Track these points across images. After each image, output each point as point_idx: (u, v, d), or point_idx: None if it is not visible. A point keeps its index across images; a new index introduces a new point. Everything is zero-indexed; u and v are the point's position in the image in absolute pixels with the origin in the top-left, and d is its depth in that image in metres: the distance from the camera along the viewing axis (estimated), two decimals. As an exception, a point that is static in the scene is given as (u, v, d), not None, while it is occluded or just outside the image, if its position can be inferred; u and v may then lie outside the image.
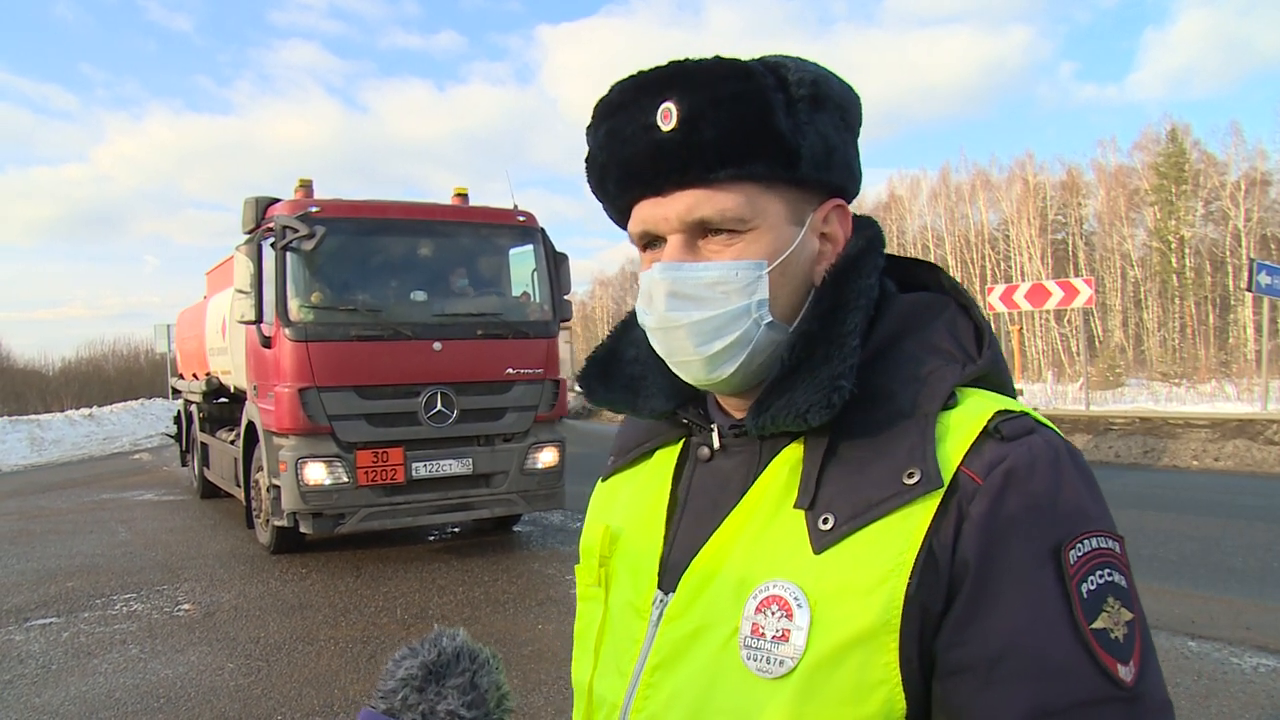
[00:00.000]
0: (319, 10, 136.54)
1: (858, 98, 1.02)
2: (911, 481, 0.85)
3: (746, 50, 0.96)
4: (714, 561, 0.95)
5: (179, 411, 15.75)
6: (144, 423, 28.22)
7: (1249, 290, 19.75)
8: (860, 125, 1.02)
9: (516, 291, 9.58)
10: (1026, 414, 0.90)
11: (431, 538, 10.17)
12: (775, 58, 0.97)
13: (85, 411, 28.60)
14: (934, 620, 0.84)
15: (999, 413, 0.88)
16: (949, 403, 0.90)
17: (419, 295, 8.93)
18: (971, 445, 0.86)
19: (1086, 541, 0.83)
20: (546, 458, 9.15)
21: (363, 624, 6.77)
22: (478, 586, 7.81)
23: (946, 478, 0.85)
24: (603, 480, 1.22)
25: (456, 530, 10.51)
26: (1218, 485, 12.06)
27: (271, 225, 8.39)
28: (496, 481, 8.95)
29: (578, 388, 1.09)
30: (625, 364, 1.12)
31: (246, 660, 6.00)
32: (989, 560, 0.82)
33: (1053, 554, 0.82)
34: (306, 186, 8.89)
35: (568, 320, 9.68)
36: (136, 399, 33.92)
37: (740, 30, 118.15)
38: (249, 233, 8.85)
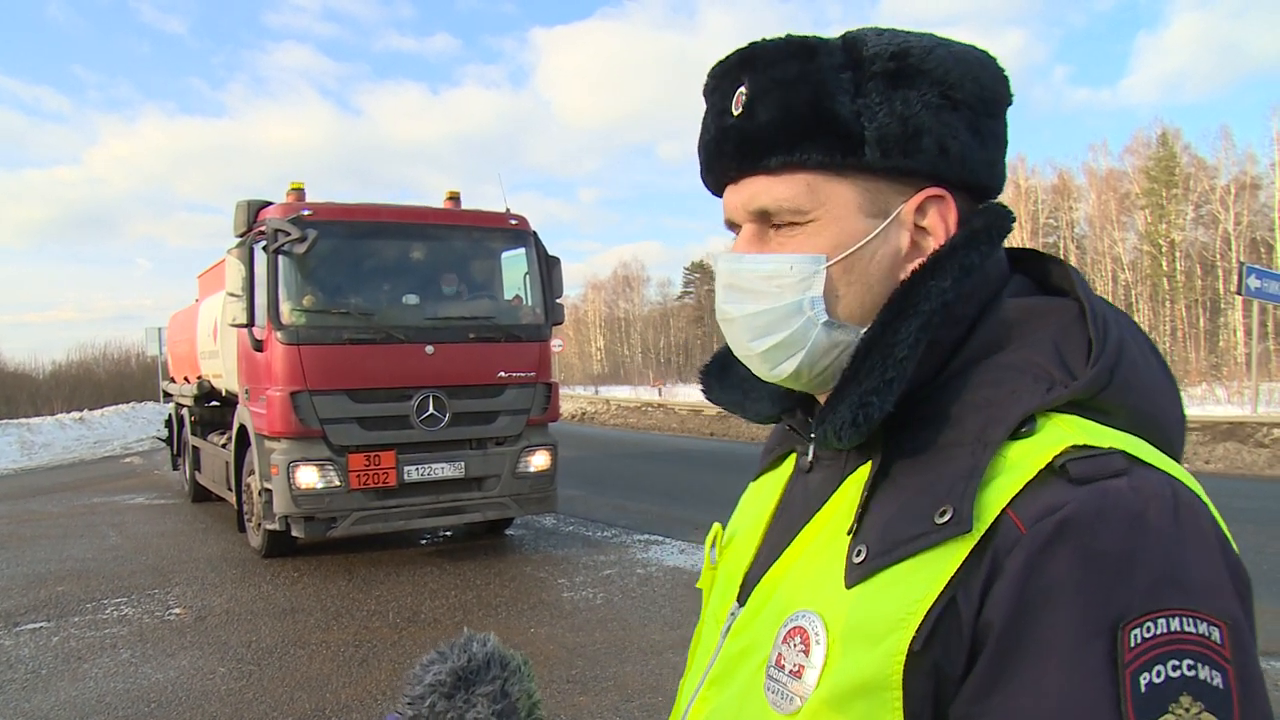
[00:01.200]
0: (313, 12, 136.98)
1: (982, 68, 0.87)
2: (941, 521, 0.74)
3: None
4: (776, 581, 0.90)
5: (170, 415, 15.68)
6: (135, 426, 28.11)
7: (1239, 294, 19.82)
8: (988, 101, 0.87)
9: (509, 295, 9.59)
10: (1121, 451, 0.73)
11: (423, 541, 10.16)
12: (861, 31, 0.87)
13: (76, 415, 28.49)
14: (952, 684, 0.72)
15: (1075, 447, 0.73)
16: (1021, 431, 0.76)
17: (411, 299, 8.92)
18: (1027, 484, 0.72)
19: (1162, 621, 0.66)
20: (539, 461, 9.15)
21: (354, 628, 6.75)
22: (470, 590, 7.80)
23: (984, 521, 0.72)
24: (752, 480, 1.16)
25: (449, 534, 10.50)
26: (1208, 488, 11.76)
27: (264, 229, 8.37)
28: (489, 485, 8.94)
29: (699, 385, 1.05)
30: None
31: (238, 664, 5.98)
32: (1018, 627, 0.69)
33: (1106, 630, 0.66)
34: (298, 190, 8.87)
35: (560, 323, 9.68)
36: (127, 402, 33.81)
37: (734, 33, 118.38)
38: (241, 236, 8.83)
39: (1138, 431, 0.78)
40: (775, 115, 0.84)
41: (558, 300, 9.59)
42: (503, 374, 8.94)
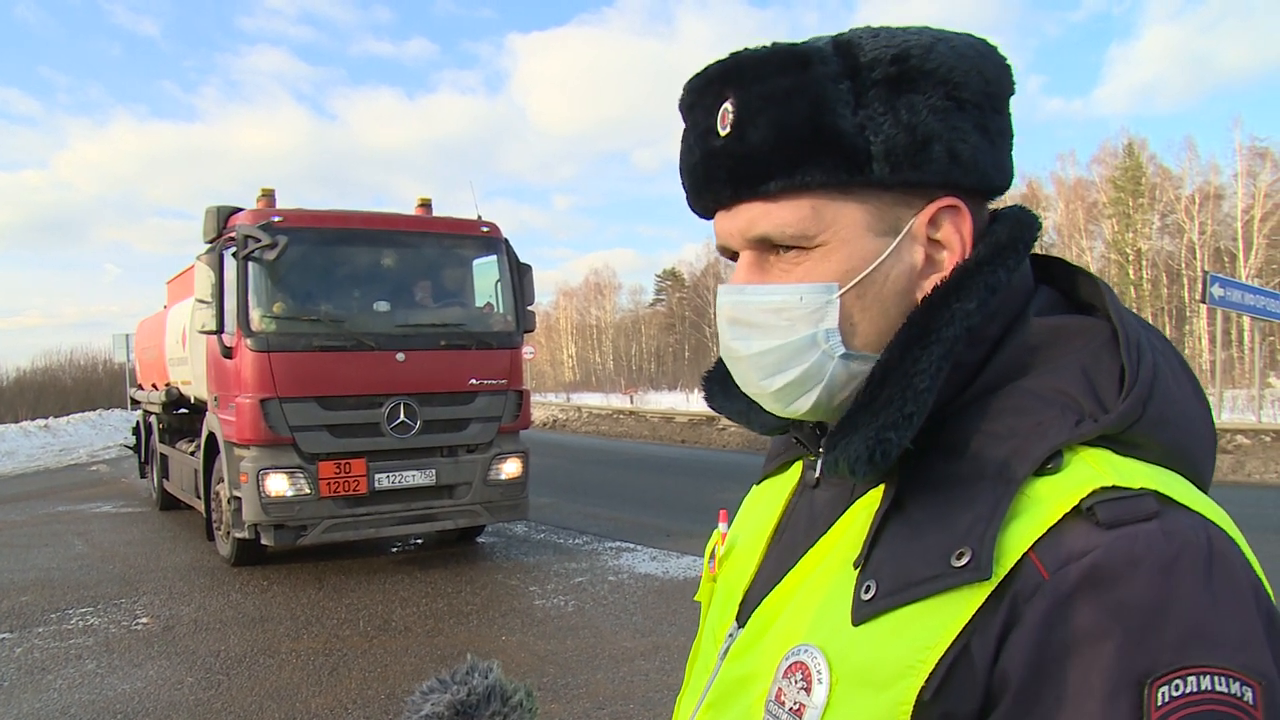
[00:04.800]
0: (288, 16, 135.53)
1: (984, 60, 0.80)
2: (959, 564, 0.68)
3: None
4: (778, 607, 0.84)
5: (138, 422, 15.54)
6: (102, 434, 27.81)
7: (1203, 302, 20.13)
8: (994, 96, 0.80)
9: (480, 302, 9.59)
10: (1153, 492, 0.67)
11: (394, 549, 10.11)
12: (853, 33, 0.79)
13: (41, 422, 28.10)
14: None
15: (1105, 488, 0.67)
16: (1048, 467, 0.70)
17: (382, 305, 8.91)
18: (1052, 527, 0.67)
19: (1192, 679, 0.61)
20: (510, 468, 9.14)
21: (325, 636, 6.71)
22: (441, 598, 7.77)
23: (1004, 566, 0.67)
24: (755, 484, 1.08)
25: (419, 541, 10.45)
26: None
27: (233, 235, 8.33)
28: (460, 492, 8.92)
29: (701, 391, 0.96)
30: None
31: (206, 674, 5.93)
32: (1037, 680, 0.64)
33: (1132, 687, 0.61)
34: (268, 196, 8.84)
35: (531, 330, 9.69)
36: (94, 409, 33.42)
37: (712, 40, 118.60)
38: (210, 242, 8.78)
39: (1169, 464, 0.73)
40: (770, 135, 0.77)
41: (529, 307, 9.61)
42: (474, 381, 8.93)
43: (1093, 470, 0.69)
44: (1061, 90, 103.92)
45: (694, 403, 40.02)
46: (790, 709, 0.75)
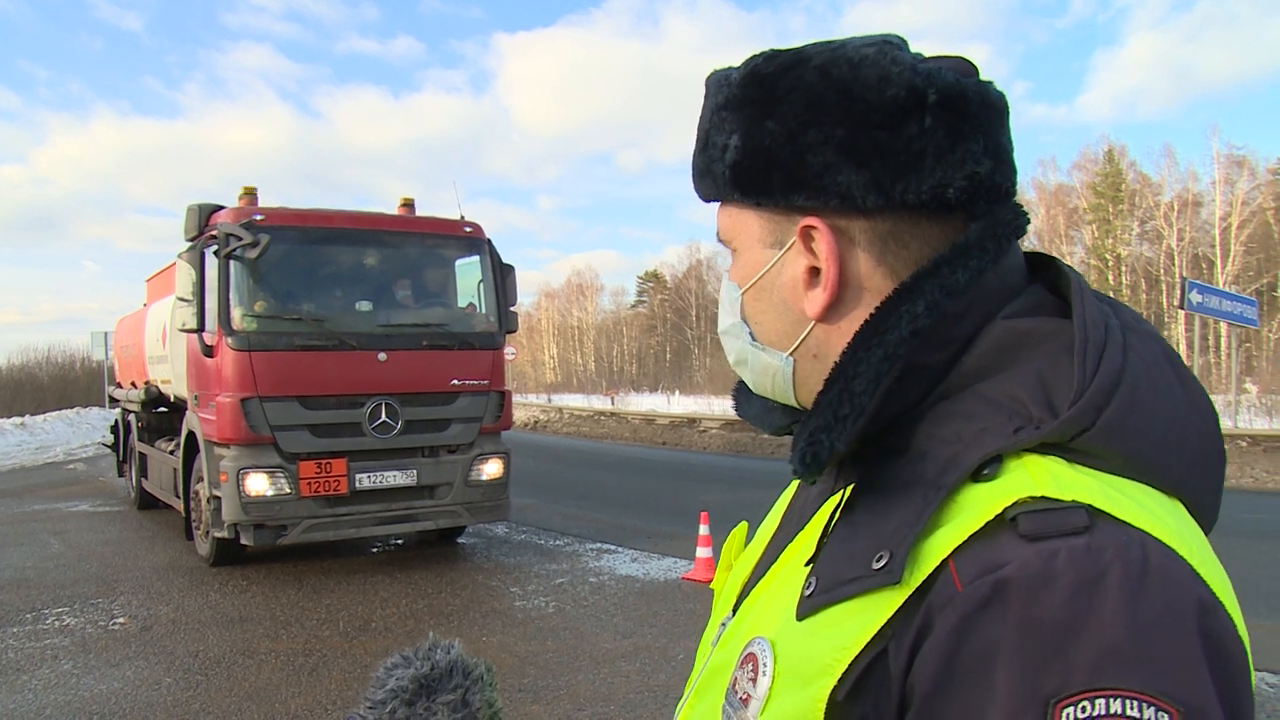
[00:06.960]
0: (273, 12, 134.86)
1: (854, 75, 0.76)
2: (878, 566, 0.68)
3: (710, 60, 0.88)
4: (757, 598, 0.87)
5: (116, 421, 15.45)
6: (79, 432, 27.58)
7: (1181, 308, 20.30)
8: (864, 113, 0.76)
9: (462, 302, 9.58)
10: (1086, 506, 0.64)
11: (375, 549, 10.09)
12: (755, 55, 0.83)
13: (17, 420, 27.86)
14: None
15: (1033, 498, 0.65)
16: (984, 473, 0.68)
17: (364, 305, 8.89)
18: (973, 535, 0.65)
19: (1100, 701, 0.58)
20: (491, 469, 9.14)
21: (304, 637, 6.69)
22: (421, 599, 7.76)
23: (921, 572, 0.66)
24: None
25: (400, 542, 10.43)
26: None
27: (215, 233, 8.29)
28: (441, 493, 8.91)
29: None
30: None
31: (185, 674, 5.90)
32: (942, 694, 0.63)
33: (1036, 707, 0.59)
34: (251, 194, 8.81)
35: (513, 331, 9.69)
36: (71, 408, 33.14)
37: (699, 43, 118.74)
38: (192, 240, 8.73)
39: (1134, 475, 0.69)
40: (695, 149, 0.88)
41: (511, 308, 9.61)
42: (455, 382, 8.92)
43: (1027, 479, 0.66)
44: (1046, 96, 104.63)
45: (675, 404, 40.08)
46: (740, 698, 0.76)
